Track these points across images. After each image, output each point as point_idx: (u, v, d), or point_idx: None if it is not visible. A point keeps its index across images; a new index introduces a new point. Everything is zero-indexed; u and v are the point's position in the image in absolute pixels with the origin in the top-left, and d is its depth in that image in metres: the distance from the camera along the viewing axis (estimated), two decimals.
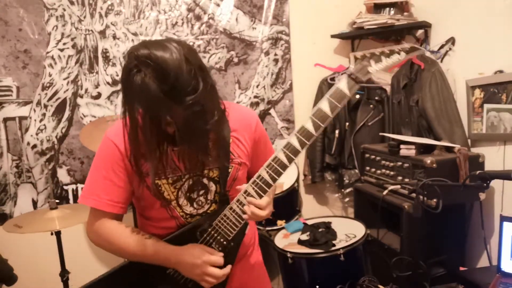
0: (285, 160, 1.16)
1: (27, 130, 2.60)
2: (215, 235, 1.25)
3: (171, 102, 1.02)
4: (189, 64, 1.04)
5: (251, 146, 1.32)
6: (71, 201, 2.70)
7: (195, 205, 1.28)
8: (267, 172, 1.17)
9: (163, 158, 1.17)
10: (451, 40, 2.56)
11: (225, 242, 1.25)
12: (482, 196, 2.20)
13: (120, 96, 2.73)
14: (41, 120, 2.62)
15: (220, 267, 1.22)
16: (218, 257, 1.22)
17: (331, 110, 1.13)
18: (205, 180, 1.26)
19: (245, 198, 1.19)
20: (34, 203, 2.64)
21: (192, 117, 1.05)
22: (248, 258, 1.42)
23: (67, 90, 2.65)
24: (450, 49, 2.57)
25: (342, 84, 1.13)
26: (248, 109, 1.46)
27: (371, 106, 2.91)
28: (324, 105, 1.14)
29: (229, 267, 1.24)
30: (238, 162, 1.29)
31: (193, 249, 1.22)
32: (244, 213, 1.20)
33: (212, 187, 1.27)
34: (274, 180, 1.17)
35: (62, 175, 2.68)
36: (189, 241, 1.25)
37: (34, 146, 2.62)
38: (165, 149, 1.16)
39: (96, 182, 1.25)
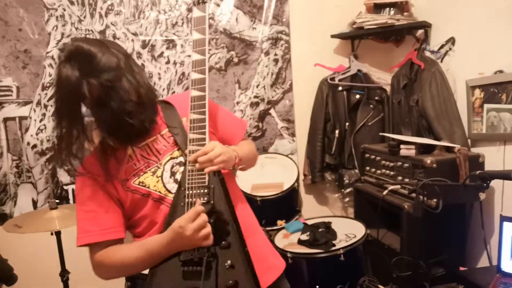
0: (199, 93, 1.25)
1: (27, 130, 2.60)
2: (194, 192, 1.22)
3: (88, 77, 1.12)
4: (106, 46, 1.18)
5: (210, 117, 1.33)
6: (71, 201, 2.70)
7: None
8: (194, 112, 1.25)
9: (133, 157, 1.24)
10: (451, 40, 2.56)
11: (206, 190, 1.22)
12: (482, 196, 2.20)
13: None
14: (41, 120, 2.62)
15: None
16: (191, 211, 1.16)
17: (203, 34, 1.29)
18: (181, 159, 1.29)
19: (193, 146, 1.24)
20: (34, 203, 2.64)
21: (108, 93, 1.14)
22: (255, 237, 1.38)
23: None
24: (450, 49, 2.57)
25: (196, 12, 1.31)
26: (183, 92, 1.51)
27: (371, 106, 2.91)
28: (196, 35, 1.30)
29: (201, 207, 1.18)
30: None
31: (175, 226, 1.17)
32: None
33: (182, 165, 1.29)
34: (204, 113, 1.24)
35: (62, 175, 2.68)
36: (179, 217, 1.19)
37: (34, 146, 2.62)
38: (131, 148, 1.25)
39: (82, 221, 1.25)
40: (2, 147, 2.57)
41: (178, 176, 1.26)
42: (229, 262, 1.18)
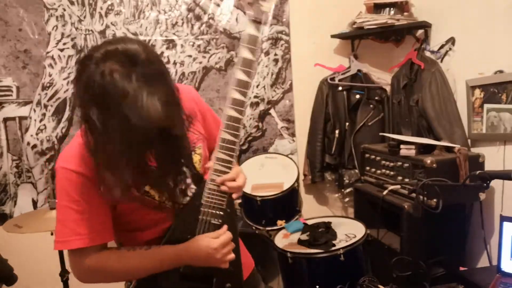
0: (236, 115, 1.22)
1: (27, 130, 2.60)
2: (210, 211, 1.23)
3: (144, 87, 0.95)
4: (153, 51, 1.04)
5: (200, 119, 1.33)
6: None
7: (189, 193, 1.24)
8: (228, 132, 1.22)
9: (141, 164, 1.07)
10: (451, 40, 2.56)
11: (222, 213, 1.24)
12: (482, 196, 2.20)
13: None
14: (41, 120, 2.62)
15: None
16: (225, 236, 1.21)
17: (252, 55, 1.23)
18: (184, 168, 1.23)
19: (220, 165, 1.22)
20: (34, 203, 2.64)
21: (168, 108, 0.99)
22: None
23: (67, 90, 2.65)
24: (450, 49, 2.57)
25: (251, 29, 1.23)
26: (182, 85, 1.40)
27: (371, 106, 2.91)
28: (245, 53, 1.23)
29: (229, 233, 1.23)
30: (202, 139, 1.31)
31: (200, 241, 1.19)
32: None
33: (188, 172, 1.24)
34: (236, 136, 1.22)
35: None
36: (188, 231, 1.22)
37: (34, 146, 2.62)
38: (141, 154, 1.07)
39: (70, 221, 1.11)
40: (2, 147, 2.57)
41: (183, 186, 1.22)
42: (228, 285, 1.26)
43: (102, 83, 0.94)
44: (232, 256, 1.21)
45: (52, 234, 2.14)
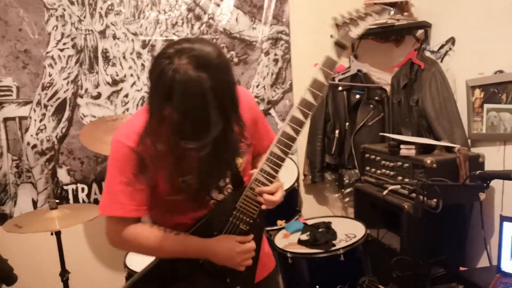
0: (292, 133, 1.23)
1: (27, 130, 2.60)
2: (241, 216, 1.28)
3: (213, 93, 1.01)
4: (225, 56, 1.09)
5: (252, 125, 1.35)
6: (71, 201, 2.70)
7: (224, 192, 1.30)
8: (279, 147, 1.23)
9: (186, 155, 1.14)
10: (451, 40, 2.56)
11: (251, 221, 1.29)
12: (482, 196, 2.20)
13: (120, 96, 2.75)
14: (41, 120, 2.62)
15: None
16: (250, 245, 1.27)
17: (325, 78, 1.21)
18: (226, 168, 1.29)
19: (262, 176, 1.24)
20: (34, 203, 2.64)
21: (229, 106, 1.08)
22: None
23: (67, 90, 2.65)
24: (450, 49, 2.57)
25: (331, 53, 1.22)
26: (243, 88, 1.43)
27: (371, 106, 2.91)
28: (319, 76, 1.21)
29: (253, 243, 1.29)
30: (247, 144, 1.33)
31: (226, 241, 1.26)
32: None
33: (229, 173, 1.30)
34: (286, 153, 1.23)
35: (62, 175, 2.68)
36: (216, 227, 1.28)
37: (34, 146, 2.62)
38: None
39: (116, 190, 1.21)
40: (2, 147, 2.57)
41: (222, 184, 1.29)
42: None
43: (172, 77, 1.00)
44: (249, 262, 1.28)
45: (52, 234, 2.15)
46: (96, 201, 2.73)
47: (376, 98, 2.93)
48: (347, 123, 2.92)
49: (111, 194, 1.23)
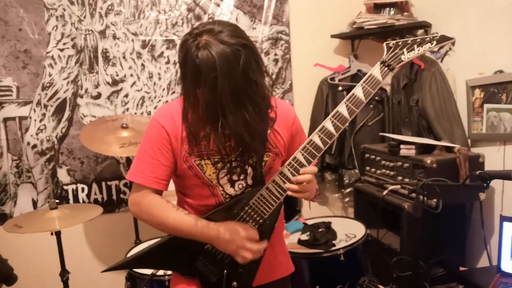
0: (320, 143, 1.24)
1: (27, 130, 2.60)
2: (252, 213, 1.30)
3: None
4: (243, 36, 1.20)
5: (288, 139, 1.38)
6: (71, 201, 2.70)
7: (236, 187, 1.34)
8: (303, 154, 1.24)
9: (211, 139, 1.23)
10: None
11: (261, 220, 1.30)
12: (482, 196, 2.20)
13: (120, 96, 2.74)
14: (41, 120, 2.62)
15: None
16: (254, 232, 1.28)
17: (365, 96, 1.21)
18: (246, 166, 1.32)
19: (280, 179, 1.26)
20: (34, 203, 2.64)
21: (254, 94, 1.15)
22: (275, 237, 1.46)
23: (67, 90, 2.65)
24: (450, 49, 2.57)
25: (376, 70, 1.22)
26: (286, 103, 1.51)
27: (371, 106, 2.91)
28: (359, 91, 1.21)
29: (264, 242, 1.30)
30: (275, 152, 1.35)
31: (231, 225, 1.28)
32: (281, 193, 1.27)
33: (250, 172, 1.33)
34: (309, 162, 1.25)
35: (62, 175, 2.68)
36: (226, 218, 1.31)
37: (34, 146, 2.62)
38: (217, 129, 1.19)
39: (143, 161, 1.33)
40: (2, 147, 2.57)
41: (235, 178, 1.32)
42: (234, 283, 1.35)
43: (196, 54, 1.13)
44: (249, 257, 1.26)
45: (52, 234, 2.15)
46: (96, 201, 2.73)
47: (376, 98, 2.92)
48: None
49: (138, 164, 1.34)
